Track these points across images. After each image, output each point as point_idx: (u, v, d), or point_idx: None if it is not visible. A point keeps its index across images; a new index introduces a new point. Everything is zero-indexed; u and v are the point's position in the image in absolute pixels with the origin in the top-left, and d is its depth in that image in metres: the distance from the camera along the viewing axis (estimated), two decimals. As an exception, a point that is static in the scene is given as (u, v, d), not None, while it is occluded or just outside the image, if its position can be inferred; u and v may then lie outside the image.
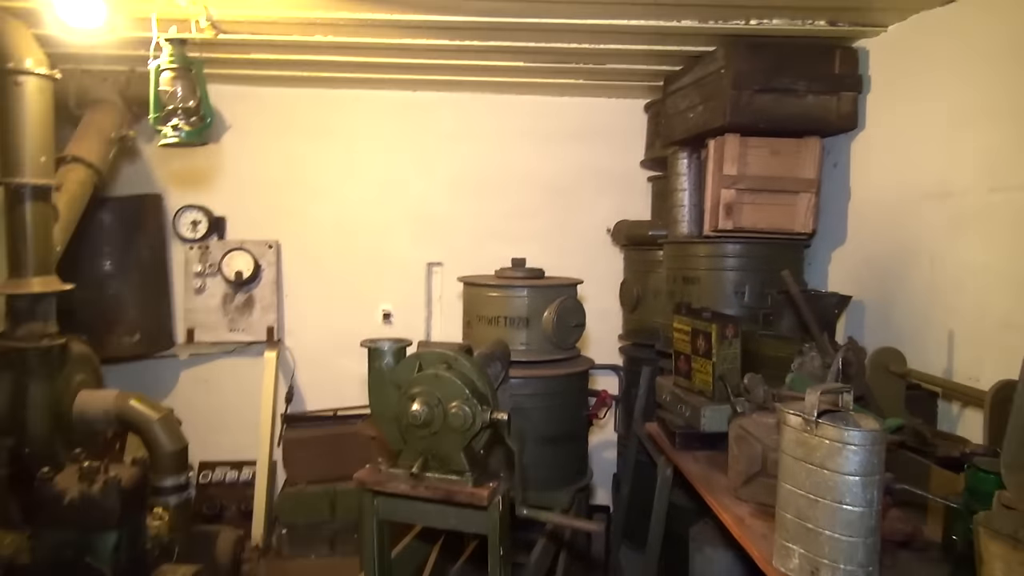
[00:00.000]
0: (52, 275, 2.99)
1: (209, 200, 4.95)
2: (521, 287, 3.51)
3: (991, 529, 1.48)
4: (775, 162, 3.48)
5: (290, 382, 5.09)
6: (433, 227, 5.11)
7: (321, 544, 4.67)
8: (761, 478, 2.45)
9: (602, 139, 5.07)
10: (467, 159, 5.08)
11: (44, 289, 2.90)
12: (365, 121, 5.02)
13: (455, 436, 2.45)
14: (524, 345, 3.51)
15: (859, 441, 1.81)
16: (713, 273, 3.61)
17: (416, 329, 5.10)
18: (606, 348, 4.95)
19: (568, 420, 3.59)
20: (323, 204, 5.05)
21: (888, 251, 3.17)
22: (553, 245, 5.03)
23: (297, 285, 5.09)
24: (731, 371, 2.98)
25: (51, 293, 2.94)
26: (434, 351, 2.59)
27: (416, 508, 2.57)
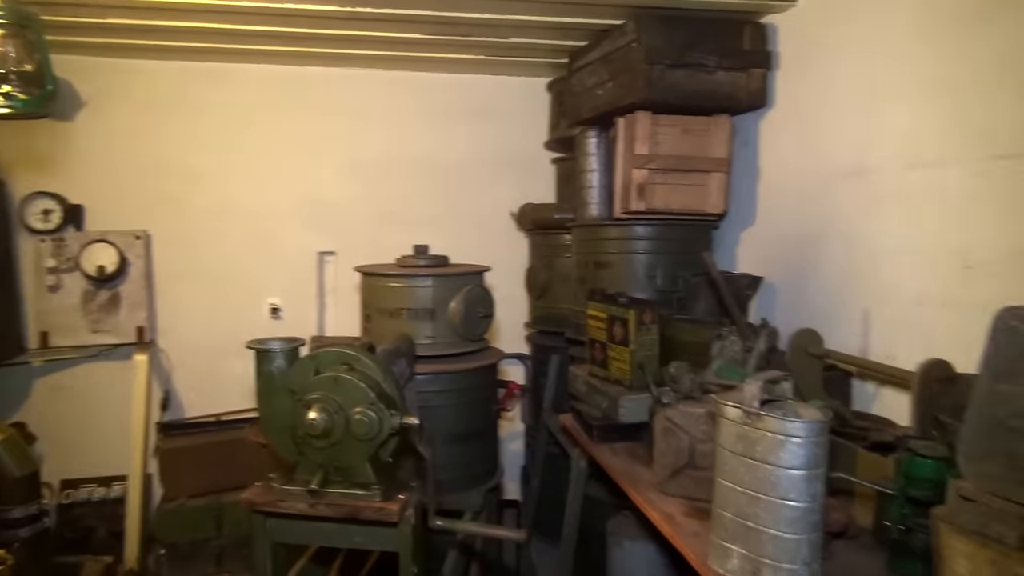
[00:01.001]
0: None
1: (63, 186, 4.37)
2: (425, 276, 3.26)
3: (955, 524, 1.38)
4: (686, 141, 3.38)
5: (165, 387, 4.60)
6: (325, 213, 4.74)
7: (206, 562, 4.26)
8: (689, 471, 2.33)
9: (505, 119, 4.86)
10: (361, 140, 4.74)
11: None
12: (245, 98, 4.57)
13: (359, 445, 2.19)
14: (430, 338, 3.26)
15: (803, 433, 1.69)
16: (625, 256, 3.48)
17: (308, 324, 4.73)
18: (512, 337, 4.77)
19: (478, 416, 3.38)
20: (199, 190, 4.57)
21: (800, 231, 3.13)
22: (454, 231, 4.79)
23: (171, 280, 4.59)
24: (650, 358, 2.86)
25: None
26: (333, 351, 2.31)
27: (315, 528, 2.29)
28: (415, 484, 2.32)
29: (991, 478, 1.36)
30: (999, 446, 1.33)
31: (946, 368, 2.14)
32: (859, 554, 1.98)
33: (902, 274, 2.55)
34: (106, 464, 4.46)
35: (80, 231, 4.40)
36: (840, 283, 2.88)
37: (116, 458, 4.38)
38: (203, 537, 4.24)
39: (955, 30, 2.35)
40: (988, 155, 2.19)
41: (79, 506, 4.40)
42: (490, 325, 3.43)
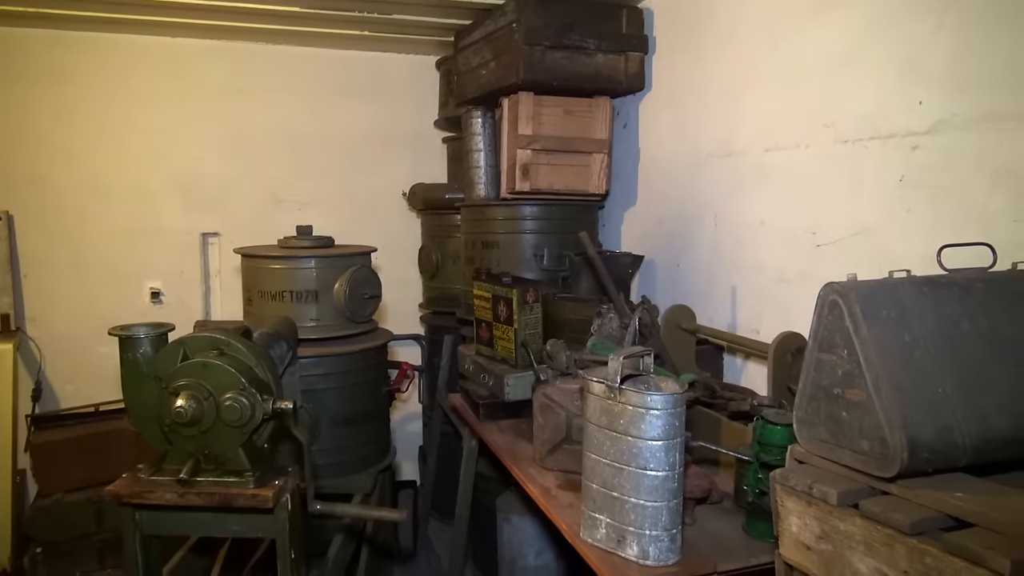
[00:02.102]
0: None
1: (-92, 163, 4.02)
2: (308, 257, 3.19)
3: (787, 486, 1.48)
4: (569, 122, 3.43)
5: (36, 377, 4.34)
6: (207, 193, 4.54)
7: (87, 559, 4.08)
8: (566, 445, 2.40)
9: (394, 97, 4.79)
10: (243, 116, 4.56)
11: None
12: (116, 70, 4.30)
13: (231, 432, 2.14)
14: (314, 321, 3.20)
15: (661, 405, 1.77)
16: (512, 236, 3.52)
17: (192, 309, 4.55)
18: (406, 318, 4.75)
19: (367, 398, 3.35)
20: (68, 168, 4.28)
21: (676, 211, 3.25)
22: (344, 211, 4.71)
23: (40, 264, 4.30)
24: (533, 336, 2.92)
25: None
26: (202, 335, 2.24)
27: (188, 518, 2.23)
28: (292, 469, 2.28)
29: (818, 441, 1.47)
30: (824, 412, 1.44)
31: (799, 340, 2.28)
32: (720, 518, 2.10)
33: (764, 252, 2.70)
34: (-27, 461, 4.18)
35: (-69, 212, 4.07)
36: (711, 261, 3.01)
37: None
38: (82, 533, 4.04)
39: (805, 18, 2.48)
40: (833, 139, 2.34)
41: (-58, 508, 4.11)
42: (377, 306, 3.40)
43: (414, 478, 4.76)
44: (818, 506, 1.41)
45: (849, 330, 1.37)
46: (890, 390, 1.30)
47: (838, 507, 1.37)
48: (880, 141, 2.18)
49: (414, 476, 4.79)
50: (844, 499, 1.37)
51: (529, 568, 3.02)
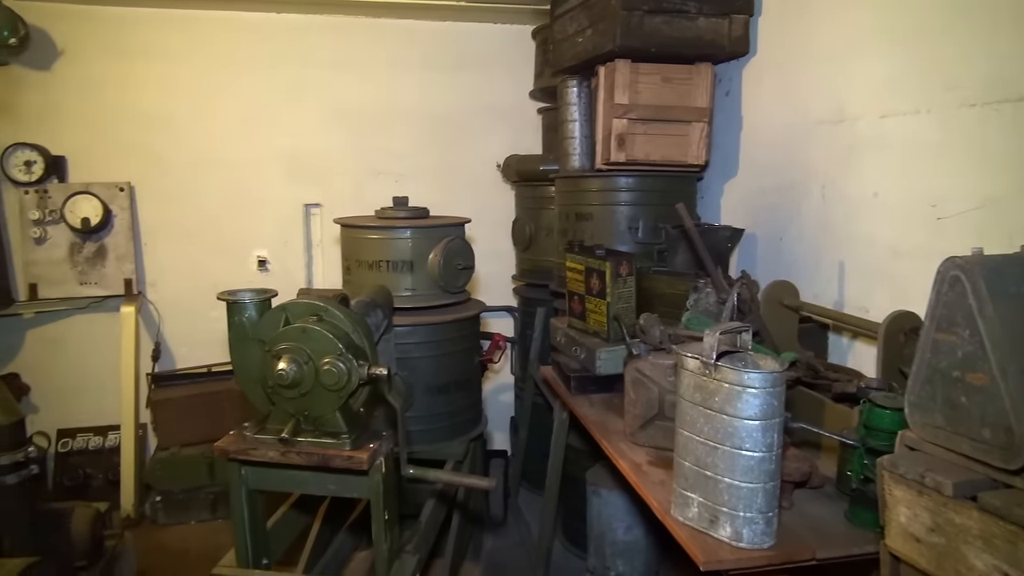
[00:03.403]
0: None
1: (45, 138, 4.33)
2: (403, 228, 3.24)
3: (896, 473, 1.39)
4: (667, 90, 3.32)
5: (156, 338, 4.64)
6: (310, 165, 4.70)
7: (201, 509, 4.37)
8: (658, 421, 2.35)
9: (489, 68, 4.78)
10: (343, 90, 4.67)
11: None
12: (222, 46, 4.49)
13: (329, 395, 2.22)
14: (409, 290, 3.26)
15: (759, 384, 1.70)
16: (606, 208, 3.46)
17: (296, 276, 4.73)
18: (500, 289, 4.78)
19: (460, 367, 3.39)
20: (182, 141, 4.52)
21: (780, 181, 3.10)
22: (441, 183, 4.76)
23: (157, 232, 4.59)
24: (626, 310, 2.86)
25: None
26: (302, 302, 2.31)
27: (289, 476, 2.33)
28: (387, 433, 2.34)
29: (932, 428, 1.37)
30: (940, 396, 1.34)
31: (912, 320, 2.14)
32: (820, 503, 2.01)
33: (876, 225, 2.53)
34: (102, 414, 4.52)
35: (63, 183, 4.38)
36: (817, 234, 2.86)
37: (111, 408, 4.44)
38: (196, 485, 4.33)
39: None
40: (957, 102, 2.15)
41: (76, 455, 4.49)
42: (470, 277, 3.42)
43: (505, 448, 4.81)
44: (930, 496, 1.32)
45: (972, 308, 1.26)
46: (1017, 374, 1.19)
47: (953, 499, 1.28)
48: (1012, 104, 1.99)
49: (505, 446, 4.85)
50: (960, 490, 1.27)
51: (618, 542, 3.00)
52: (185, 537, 4.18)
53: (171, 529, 4.26)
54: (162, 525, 4.29)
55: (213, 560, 3.85)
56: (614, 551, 3.02)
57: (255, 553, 2.42)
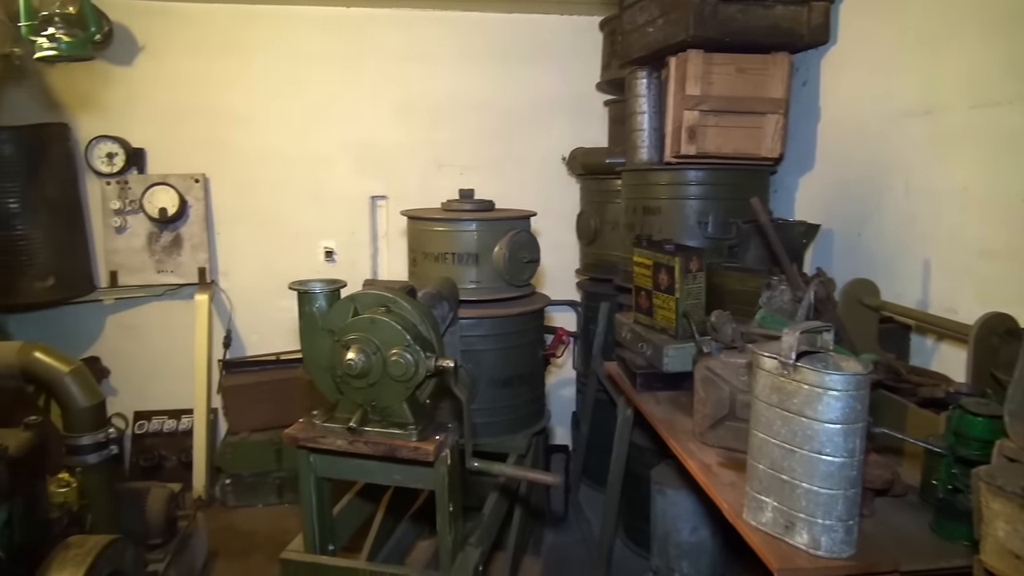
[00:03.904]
0: (-74, 214, 2.60)
1: (125, 130, 4.49)
2: (469, 220, 3.24)
3: (994, 485, 1.31)
4: (741, 81, 3.22)
5: (227, 326, 4.77)
6: (376, 157, 4.75)
7: (268, 493, 4.48)
8: (729, 422, 2.29)
9: (556, 60, 4.73)
10: (410, 83, 4.70)
11: (-84, 231, 2.52)
12: (294, 40, 4.57)
13: (396, 386, 2.23)
14: (474, 283, 3.26)
15: (841, 386, 1.63)
16: (675, 202, 3.39)
17: (362, 267, 4.80)
18: (563, 283, 4.74)
19: (524, 361, 3.38)
20: (253, 133, 4.63)
21: (860, 175, 2.97)
22: (505, 175, 4.75)
23: (230, 222, 4.71)
24: (695, 307, 2.79)
25: (-74, 235, 2.56)
26: (371, 293, 2.33)
27: (356, 464, 2.36)
28: (452, 425, 2.34)
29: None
30: (1047, 405, 1.25)
31: (1008, 322, 2.02)
32: (903, 513, 1.93)
33: (966, 221, 2.40)
34: (176, 398, 4.69)
35: (142, 174, 4.55)
36: (900, 230, 2.73)
37: (185, 392, 4.60)
38: (264, 469, 4.45)
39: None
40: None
41: (151, 436, 4.66)
42: (535, 271, 3.40)
43: (566, 443, 4.78)
44: (1034, 511, 1.24)
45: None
46: None
47: (1059, 515, 1.20)
48: None
49: (566, 441, 4.82)
50: (1068, 506, 1.19)
51: (683, 543, 2.94)
52: (253, 519, 4.30)
53: (239, 511, 4.39)
54: (231, 507, 4.41)
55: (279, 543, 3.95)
56: (679, 552, 2.96)
57: (322, 539, 2.46)
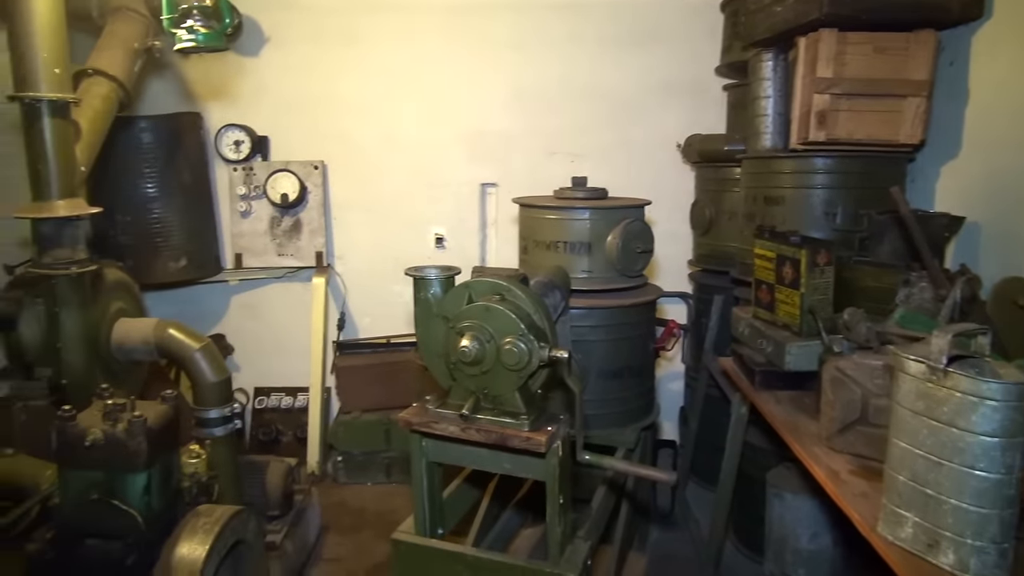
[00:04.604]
0: (78, 197, 2.79)
1: (251, 119, 4.70)
2: (582, 209, 3.17)
3: None
4: (879, 62, 3.00)
5: (341, 309, 4.93)
6: (487, 145, 4.76)
7: (377, 472, 4.61)
8: (860, 427, 2.15)
9: (671, 44, 4.57)
10: (522, 71, 4.67)
11: (70, 212, 2.70)
12: (410, 29, 4.63)
13: (509, 375, 2.21)
14: (586, 272, 3.20)
15: (1001, 396, 1.48)
16: (800, 192, 3.21)
17: (471, 254, 4.84)
18: (674, 274, 4.61)
19: (634, 353, 3.30)
20: (368, 121, 4.74)
21: (1017, 164, 2.70)
22: (615, 163, 4.65)
23: (345, 208, 4.86)
24: (822, 303, 2.64)
25: (78, 217, 2.75)
26: (485, 280, 2.32)
27: (467, 451, 2.36)
28: (564, 417, 2.31)
29: None
30: None
31: None
32: (1063, 537, 1.74)
33: None
34: (293, 376, 4.88)
35: (266, 161, 4.75)
36: (1063, 225, 2.47)
37: (301, 371, 4.78)
38: (374, 449, 4.57)
39: None
40: None
41: (269, 412, 4.89)
42: (649, 261, 3.30)
43: (673, 438, 4.67)
44: None
45: None
46: None
47: None
48: None
49: (673, 436, 4.70)
50: None
51: (801, 550, 2.80)
52: (362, 497, 4.43)
53: (350, 488, 4.53)
54: (342, 484, 4.57)
55: (387, 520, 4.09)
56: (796, 559, 2.82)
57: (432, 523, 2.49)
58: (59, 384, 2.81)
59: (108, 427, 1.99)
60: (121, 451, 1.98)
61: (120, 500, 2.00)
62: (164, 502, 2.11)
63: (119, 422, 1.99)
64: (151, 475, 2.04)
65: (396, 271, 4.65)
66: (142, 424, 1.99)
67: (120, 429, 1.98)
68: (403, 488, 4.46)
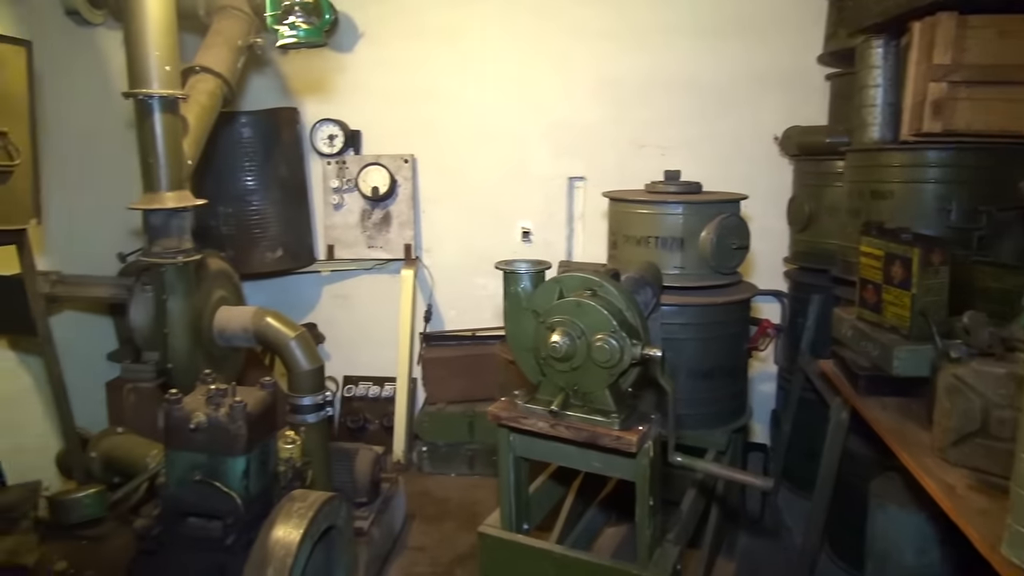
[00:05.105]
0: (185, 190, 2.92)
1: (344, 113, 4.81)
2: (675, 203, 3.09)
3: None
4: (1004, 47, 2.78)
5: (428, 301, 4.99)
6: (575, 138, 4.71)
7: (460, 463, 4.64)
8: (979, 439, 2.00)
9: (768, 31, 4.40)
10: (611, 62, 4.59)
11: (177, 204, 2.83)
12: (499, 22, 4.64)
13: (600, 372, 2.17)
14: (678, 269, 3.11)
15: None
16: (910, 186, 3.02)
17: (557, 249, 4.81)
18: (769, 272, 4.44)
19: (727, 353, 3.19)
20: (457, 114, 4.78)
21: None
22: (707, 156, 4.51)
23: (433, 201, 4.91)
24: (935, 305, 2.48)
25: (184, 208, 2.87)
26: (577, 275, 2.28)
27: (555, 448, 2.34)
28: (655, 416, 2.25)
29: None
30: None
31: None
32: None
33: None
34: (380, 365, 4.99)
35: (358, 155, 4.85)
36: None
37: (388, 361, 4.88)
38: (458, 440, 4.61)
39: None
40: None
41: (357, 400, 5.01)
42: (744, 258, 3.19)
43: (764, 441, 4.51)
44: None
45: None
46: None
47: None
48: None
49: (764, 439, 4.54)
50: None
51: (907, 566, 2.64)
52: (446, 487, 4.48)
53: (434, 478, 4.59)
54: (426, 474, 4.63)
55: (471, 512, 4.12)
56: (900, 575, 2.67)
57: (518, 518, 2.48)
58: (165, 368, 2.95)
59: (211, 411, 2.06)
60: (222, 435, 2.06)
61: (221, 482, 2.07)
62: (261, 485, 2.17)
63: (221, 407, 2.07)
64: (250, 459, 2.10)
65: (482, 264, 4.75)
66: (242, 409, 2.06)
67: (222, 414, 2.06)
68: (486, 480, 4.48)
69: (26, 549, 2.41)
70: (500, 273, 2.45)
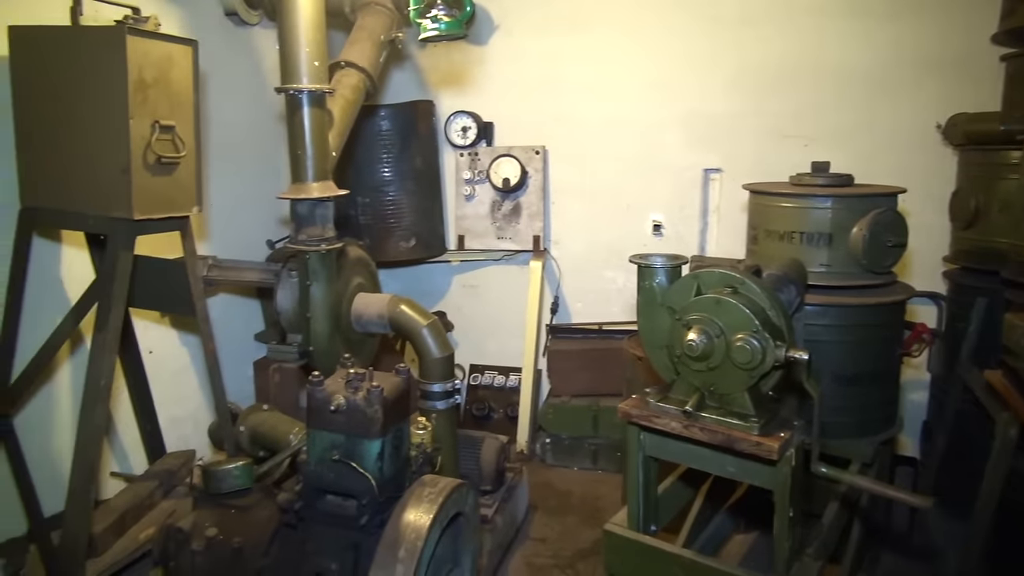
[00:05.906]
0: (329, 180, 3.04)
1: (478, 105, 4.88)
2: (824, 197, 2.89)
3: None
4: None
5: (555, 293, 4.98)
6: (711, 128, 4.53)
7: (583, 457, 4.62)
8: None
9: (930, 10, 4.04)
10: (749, 48, 4.38)
11: (322, 194, 2.95)
12: (631, 11, 4.54)
13: (739, 373, 2.07)
14: (824, 266, 2.92)
15: None
16: (1105, 179, 2.68)
17: (689, 242, 4.65)
18: (923, 271, 4.09)
19: (876, 357, 2.97)
20: (588, 106, 4.72)
21: None
22: (857, 147, 4.21)
23: (563, 192, 4.89)
24: None
25: (328, 198, 3.00)
26: (716, 271, 2.19)
27: (687, 449, 2.26)
28: (798, 423, 2.12)
29: None
30: None
31: None
32: None
33: None
34: (506, 355, 5.05)
35: (490, 146, 4.91)
36: None
37: (513, 351, 4.93)
38: (582, 434, 4.58)
39: None
40: None
41: (483, 389, 5.09)
42: (900, 256, 2.95)
43: (913, 454, 4.18)
44: None
45: None
46: None
47: None
48: None
49: (913, 452, 4.21)
50: None
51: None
52: (568, 480, 4.46)
53: (556, 471, 4.58)
54: (549, 465, 4.63)
55: (593, 507, 4.08)
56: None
57: (645, 518, 2.42)
58: (307, 350, 3.09)
59: (350, 394, 2.13)
60: (360, 417, 2.12)
61: (357, 463, 2.13)
62: (394, 469, 2.23)
63: (359, 391, 2.13)
64: (384, 443, 2.16)
65: (610, 257, 4.68)
66: (379, 394, 2.11)
67: (360, 397, 2.12)
68: (609, 476, 4.43)
69: (183, 512, 2.61)
70: (629, 266, 2.38)
